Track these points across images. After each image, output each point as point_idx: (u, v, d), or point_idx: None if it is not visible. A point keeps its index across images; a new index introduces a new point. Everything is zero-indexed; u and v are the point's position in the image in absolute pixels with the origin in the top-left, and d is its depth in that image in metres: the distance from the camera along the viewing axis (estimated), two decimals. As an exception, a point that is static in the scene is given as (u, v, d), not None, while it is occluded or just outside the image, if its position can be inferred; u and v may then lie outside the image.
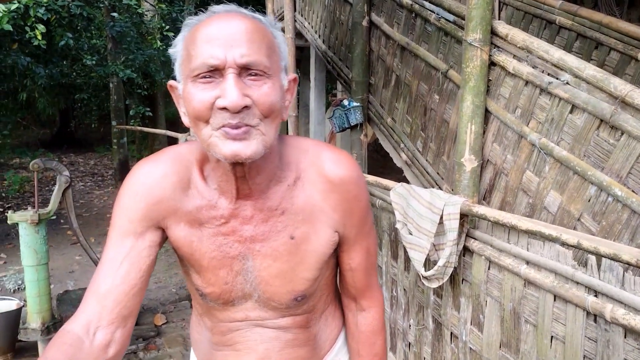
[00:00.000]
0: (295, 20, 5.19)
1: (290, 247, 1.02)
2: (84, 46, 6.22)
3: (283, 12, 6.12)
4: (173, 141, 12.14)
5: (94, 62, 6.16)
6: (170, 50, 0.94)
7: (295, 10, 5.22)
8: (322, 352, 1.19)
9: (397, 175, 3.87)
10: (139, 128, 6.65)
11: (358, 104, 3.43)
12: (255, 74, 0.86)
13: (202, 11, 0.95)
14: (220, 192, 0.99)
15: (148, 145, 12.97)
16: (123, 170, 10.07)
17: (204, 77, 0.85)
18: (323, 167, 1.02)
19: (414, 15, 2.93)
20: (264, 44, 0.88)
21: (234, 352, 1.11)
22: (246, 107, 0.85)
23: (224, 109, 0.83)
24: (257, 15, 0.93)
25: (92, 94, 8.92)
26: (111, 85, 9.48)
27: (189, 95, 0.87)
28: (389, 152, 3.27)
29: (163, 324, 4.15)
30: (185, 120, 0.94)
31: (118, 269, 0.93)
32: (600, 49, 2.87)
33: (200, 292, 1.06)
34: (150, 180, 0.98)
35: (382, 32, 3.29)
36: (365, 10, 3.40)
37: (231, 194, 0.99)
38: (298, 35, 5.17)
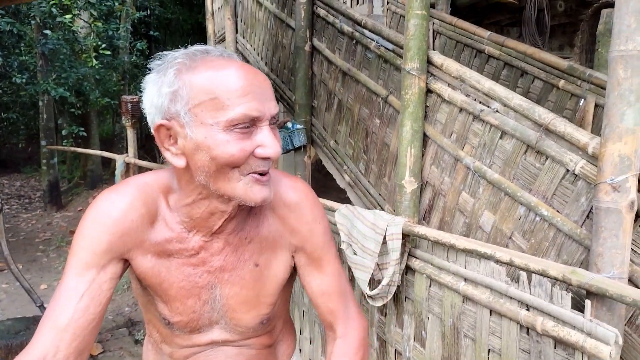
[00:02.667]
0: (237, 42, 5.23)
1: (255, 274, 1.06)
2: (13, 64, 5.93)
3: (224, 33, 6.14)
4: (107, 162, 11.74)
5: (23, 80, 5.88)
6: (162, 88, 0.91)
7: (237, 32, 5.26)
8: None
9: (339, 194, 3.95)
10: (72, 148, 6.39)
11: (302, 126, 3.50)
12: (274, 124, 0.93)
13: (144, 32, 0.95)
14: (194, 226, 1.00)
15: (80, 166, 12.45)
16: (53, 192, 9.60)
17: (244, 127, 0.88)
18: (281, 193, 1.07)
19: (354, 42, 3.04)
20: (274, 96, 0.95)
21: None
22: None
23: (266, 158, 0.90)
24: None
25: (20, 112, 8.49)
26: (41, 103, 9.07)
27: (223, 143, 0.87)
28: (332, 174, 3.35)
29: (99, 354, 3.98)
30: (179, 162, 0.92)
31: (78, 302, 0.91)
32: (525, 77, 3.10)
33: (167, 321, 1.07)
34: (116, 211, 0.96)
35: (324, 57, 3.39)
36: (308, 36, 3.49)
37: (208, 230, 1.00)
38: (240, 57, 5.20)
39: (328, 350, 1.16)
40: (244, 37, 5.16)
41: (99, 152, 5.38)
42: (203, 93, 0.87)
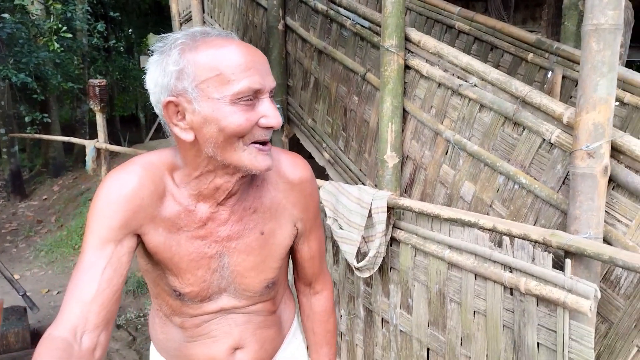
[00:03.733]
0: (204, 22, 5.15)
1: (261, 241, 1.15)
2: (-34, 50, 5.68)
3: (189, 13, 6.03)
4: (70, 148, 11.42)
5: (-19, 66, 5.65)
6: (173, 68, 0.96)
7: (203, 12, 5.18)
8: (285, 332, 1.34)
9: (316, 173, 3.99)
10: (38, 136, 6.21)
11: (278, 105, 3.51)
12: (272, 96, 1.00)
13: (102, 12, 1.00)
14: (200, 198, 1.07)
15: (41, 154, 12.08)
16: (15, 181, 9.31)
17: (247, 99, 0.95)
18: (283, 169, 1.16)
19: (329, 20, 3.07)
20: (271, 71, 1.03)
21: (210, 339, 1.19)
22: None
23: (269, 127, 0.98)
24: None
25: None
26: (-3, 90, 8.72)
27: (229, 114, 0.94)
28: (310, 152, 3.39)
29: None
30: (187, 135, 0.98)
31: (102, 275, 0.95)
32: (495, 51, 3.19)
33: (177, 292, 1.13)
34: (127, 189, 1.01)
35: (298, 36, 3.40)
36: (281, 15, 3.49)
37: (214, 201, 1.07)
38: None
39: (304, 301, 1.37)
40: (211, 17, 5.09)
41: (67, 139, 5.25)
42: (208, 70, 0.94)
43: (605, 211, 1.64)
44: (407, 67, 2.41)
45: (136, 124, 16.77)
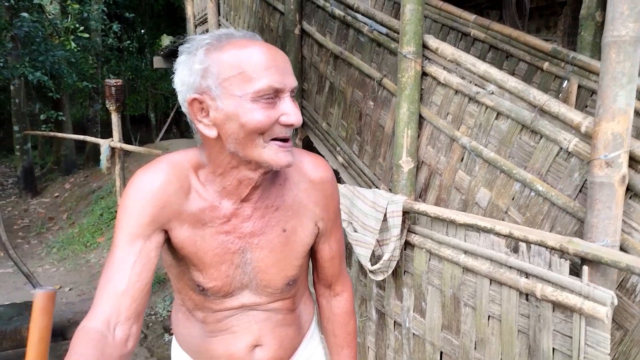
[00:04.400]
0: (219, 25, 5.20)
1: (283, 238, 1.18)
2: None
3: (205, 15, 6.09)
4: (81, 147, 11.52)
5: None
6: (194, 65, 1.01)
7: (219, 14, 5.24)
8: (304, 331, 1.36)
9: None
10: (52, 134, 6.29)
11: (293, 109, 3.56)
12: (293, 96, 1.04)
13: (117, 12, 1.05)
14: (225, 195, 1.11)
15: (53, 151, 12.20)
16: (27, 178, 9.41)
17: (268, 97, 0.99)
18: (305, 169, 1.20)
19: (346, 26, 3.10)
20: (292, 71, 1.06)
21: (231, 334, 1.23)
22: None
23: (289, 125, 1.01)
24: None
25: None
26: (12, 88, 8.83)
27: (250, 111, 0.98)
28: (324, 155, 3.42)
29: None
30: (211, 132, 1.03)
31: (132, 269, 1.00)
32: (510, 59, 3.21)
33: (201, 287, 1.16)
34: (155, 186, 1.05)
35: (315, 41, 3.44)
36: (297, 19, 3.53)
37: (238, 197, 1.11)
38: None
39: (323, 303, 1.39)
40: (227, 20, 5.14)
41: (81, 137, 5.31)
42: (231, 68, 0.99)
43: (623, 220, 1.66)
44: (424, 74, 2.43)
45: (146, 124, 16.88)
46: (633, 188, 1.65)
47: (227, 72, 0.99)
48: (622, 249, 1.65)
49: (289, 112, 1.01)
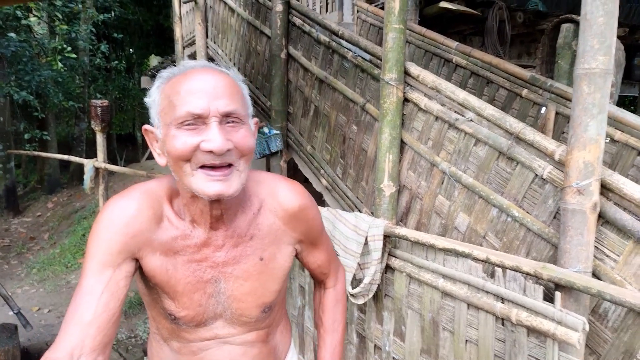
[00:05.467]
0: (207, 47, 5.26)
1: (260, 267, 1.18)
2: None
3: (193, 37, 6.15)
4: (66, 166, 11.43)
5: (-17, 83, 5.72)
6: (147, 99, 1.06)
7: (207, 37, 5.29)
8: None
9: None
10: (36, 153, 6.24)
11: (278, 131, 3.59)
12: (233, 121, 1.01)
13: (105, 32, 1.09)
14: (194, 223, 1.11)
15: (36, 170, 12.08)
16: (10, 197, 9.29)
17: (189, 124, 0.98)
18: (280, 197, 1.20)
19: (331, 51, 3.16)
20: (238, 96, 1.04)
21: None
22: (228, 150, 0.99)
23: (210, 152, 0.97)
24: (225, 70, 1.07)
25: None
26: (-4, 106, 8.77)
27: (172, 139, 0.99)
28: (308, 178, 3.45)
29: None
30: (161, 160, 1.06)
31: (99, 298, 0.99)
32: (491, 86, 3.29)
33: (173, 316, 1.15)
34: (127, 214, 1.05)
35: (300, 65, 3.49)
36: (284, 44, 3.59)
37: (205, 225, 1.11)
38: (211, 61, 5.23)
39: (317, 295, 1.43)
40: (214, 42, 5.20)
41: (65, 157, 5.27)
42: (165, 99, 1.02)
43: (595, 246, 1.70)
44: (405, 100, 2.49)
45: (132, 142, 16.83)
46: (604, 215, 1.69)
47: (162, 103, 1.02)
48: (595, 275, 1.69)
49: (210, 138, 0.97)
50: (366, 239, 2.35)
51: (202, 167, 0.99)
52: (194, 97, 0.98)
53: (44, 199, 10.01)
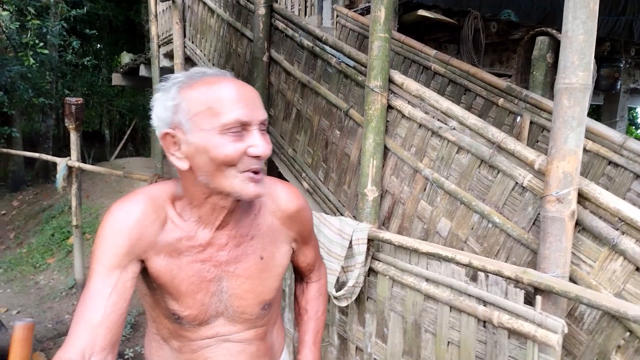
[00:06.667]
0: (185, 47, 5.22)
1: (260, 265, 1.24)
2: None
3: (169, 36, 6.10)
4: (31, 163, 11.11)
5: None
6: (170, 103, 1.07)
7: (185, 36, 5.25)
8: None
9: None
10: (5, 150, 6.07)
11: (259, 134, 3.61)
12: (263, 129, 1.09)
13: (75, 27, 1.10)
14: (200, 224, 1.16)
15: (0, 167, 11.71)
16: (-27, 194, 8.99)
17: (235, 131, 1.04)
18: (280, 200, 1.28)
19: (314, 56, 3.20)
20: (263, 105, 1.12)
21: None
22: None
23: (257, 157, 1.05)
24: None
25: None
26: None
27: (220, 145, 1.03)
28: (289, 181, 3.48)
29: (44, 363, 3.87)
30: (182, 164, 1.09)
31: (108, 299, 1.03)
32: (468, 94, 3.39)
33: (176, 316, 1.19)
34: (132, 218, 1.09)
35: (282, 69, 3.52)
36: (265, 47, 3.61)
37: (212, 226, 1.16)
38: (188, 61, 5.20)
39: (299, 290, 1.52)
40: (193, 42, 5.17)
41: (37, 155, 5.14)
42: (200, 104, 1.05)
43: (572, 252, 1.79)
44: (389, 107, 2.55)
45: (100, 140, 16.47)
46: (581, 223, 1.78)
47: (196, 108, 1.05)
48: (572, 279, 1.78)
49: (257, 144, 1.05)
50: (350, 243, 2.40)
51: (246, 171, 1.07)
52: (240, 105, 1.04)
53: (8, 196, 9.72)
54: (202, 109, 1.04)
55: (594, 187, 1.77)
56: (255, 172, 1.08)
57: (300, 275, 1.52)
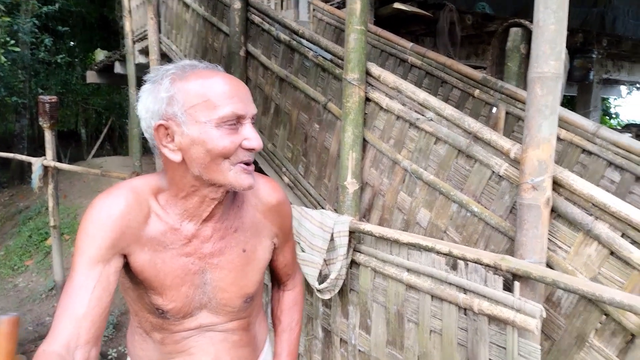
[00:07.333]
0: (160, 43, 5.16)
1: (243, 258, 1.26)
2: None
3: (144, 32, 6.01)
4: (6, 163, 10.88)
5: None
6: (164, 95, 1.07)
7: (160, 32, 5.19)
8: (258, 352, 1.43)
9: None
10: (-23, 151, 5.92)
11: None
12: (254, 122, 1.12)
13: (47, 24, 1.12)
14: (186, 216, 1.16)
15: (-28, 168, 11.43)
16: (-55, 197, 8.77)
17: (231, 123, 1.06)
18: (261, 193, 1.30)
19: (291, 50, 3.19)
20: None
21: (188, 356, 1.27)
22: None
23: (251, 149, 1.08)
24: None
25: None
26: None
27: (216, 137, 1.05)
28: (268, 175, 3.47)
29: (25, 365, 3.80)
30: (175, 156, 1.09)
31: (92, 293, 1.03)
32: (445, 86, 3.42)
33: (160, 310, 1.20)
34: (115, 211, 1.09)
35: (260, 63, 3.50)
36: (242, 41, 3.59)
37: (199, 218, 1.17)
38: (164, 57, 5.14)
39: (276, 297, 1.55)
40: (168, 38, 5.11)
41: (11, 155, 5.04)
42: (196, 97, 1.06)
43: (548, 238, 1.82)
44: (367, 100, 2.56)
45: (76, 139, 16.19)
46: (557, 210, 1.82)
47: (192, 100, 1.06)
48: (548, 265, 1.81)
49: (251, 137, 1.09)
50: (332, 235, 2.41)
51: (239, 163, 1.10)
52: (236, 98, 1.07)
53: (-18, 199, 9.50)
54: (199, 101, 1.05)
55: (568, 174, 1.81)
56: (247, 164, 1.11)
57: (277, 280, 1.53)
